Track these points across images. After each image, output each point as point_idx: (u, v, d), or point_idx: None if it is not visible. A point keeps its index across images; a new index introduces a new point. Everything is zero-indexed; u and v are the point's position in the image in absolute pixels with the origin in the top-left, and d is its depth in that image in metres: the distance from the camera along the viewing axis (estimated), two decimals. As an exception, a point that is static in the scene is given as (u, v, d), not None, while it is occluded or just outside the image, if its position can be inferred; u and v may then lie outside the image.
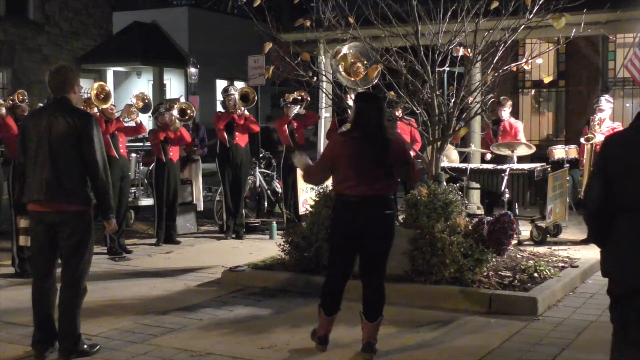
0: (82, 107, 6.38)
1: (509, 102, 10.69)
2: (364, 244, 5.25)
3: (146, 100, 10.16)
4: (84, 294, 5.39)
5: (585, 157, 9.50)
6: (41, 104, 8.66)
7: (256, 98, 10.66)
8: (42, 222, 5.28)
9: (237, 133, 10.43)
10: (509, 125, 10.46)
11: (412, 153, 9.29)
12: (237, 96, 10.35)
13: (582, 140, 9.54)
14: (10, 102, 8.59)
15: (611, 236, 3.40)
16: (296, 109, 10.72)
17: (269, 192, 12.15)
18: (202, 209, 11.70)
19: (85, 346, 5.38)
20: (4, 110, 8.23)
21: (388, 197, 5.26)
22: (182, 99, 17.48)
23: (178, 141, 10.22)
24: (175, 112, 10.30)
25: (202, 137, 11.81)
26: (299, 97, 10.69)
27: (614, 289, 3.43)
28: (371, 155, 5.15)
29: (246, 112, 10.55)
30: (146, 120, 10.30)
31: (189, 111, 10.75)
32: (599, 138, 9.28)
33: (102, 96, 8.78)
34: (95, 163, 5.23)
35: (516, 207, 9.65)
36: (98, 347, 5.51)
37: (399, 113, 8.87)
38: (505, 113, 10.48)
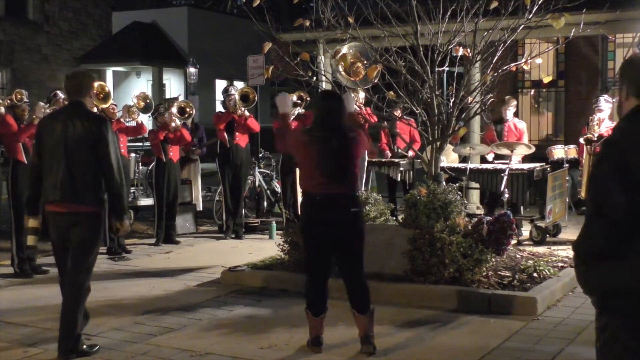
0: None
1: (514, 102, 10.45)
2: (335, 244, 5.30)
3: (148, 101, 10.16)
4: (87, 294, 5.44)
5: (584, 157, 9.50)
6: (41, 102, 8.66)
7: (256, 98, 10.66)
8: (57, 223, 5.44)
9: (237, 133, 10.43)
10: (514, 126, 10.28)
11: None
12: (237, 96, 10.35)
13: (581, 140, 9.54)
14: (9, 101, 8.58)
15: (634, 248, 3.05)
16: (297, 111, 10.71)
17: (268, 192, 12.15)
18: (201, 209, 11.70)
19: (85, 346, 5.43)
20: (3, 109, 8.23)
21: (353, 195, 5.34)
22: (181, 98, 17.47)
23: (178, 141, 10.22)
24: (174, 110, 10.29)
25: (201, 137, 11.81)
26: (299, 101, 10.67)
27: (634, 305, 3.09)
28: (334, 154, 5.20)
29: (246, 112, 10.55)
30: (146, 120, 10.28)
31: (188, 109, 10.73)
32: (598, 137, 9.29)
33: (102, 96, 8.77)
34: (111, 166, 5.35)
35: (521, 209, 9.61)
36: (97, 347, 5.53)
37: (398, 113, 8.87)
38: (510, 113, 10.24)
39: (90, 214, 5.37)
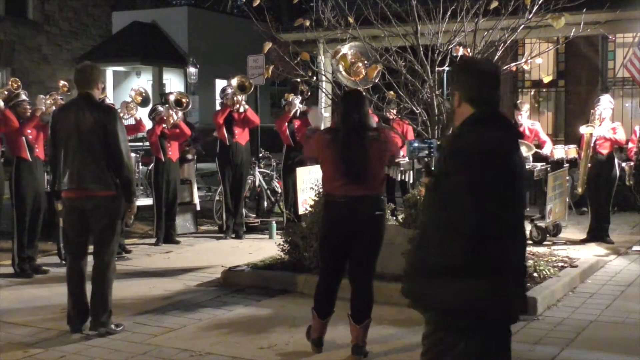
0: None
1: (526, 106, 10.42)
2: (354, 245, 5.22)
3: (144, 94, 10.16)
4: (114, 272, 5.98)
5: (583, 148, 9.47)
6: (42, 95, 8.69)
7: (253, 86, 10.64)
8: (75, 208, 5.83)
9: (237, 129, 10.39)
10: (528, 130, 10.18)
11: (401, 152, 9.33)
12: (234, 83, 10.26)
13: (581, 130, 9.50)
14: (6, 92, 8.54)
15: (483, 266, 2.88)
16: (297, 104, 10.69)
17: (268, 191, 12.14)
18: (198, 209, 11.66)
19: (113, 325, 5.90)
20: (1, 103, 8.16)
21: (377, 197, 5.23)
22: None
23: (177, 137, 10.20)
24: (171, 99, 10.30)
25: (195, 137, 11.79)
26: (299, 86, 10.65)
27: (478, 317, 2.90)
28: (356, 154, 5.11)
29: (245, 104, 10.52)
30: (146, 119, 10.28)
31: (184, 100, 10.65)
32: (597, 132, 9.27)
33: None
34: (120, 152, 5.78)
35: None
36: (122, 326, 5.95)
37: (394, 111, 8.86)
38: (523, 117, 10.21)
39: (108, 197, 5.79)
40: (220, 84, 27.14)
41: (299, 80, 10.47)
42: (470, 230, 2.80)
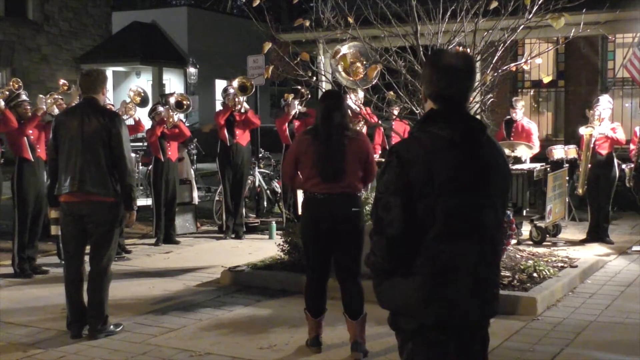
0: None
1: (521, 103, 10.54)
2: (334, 242, 5.28)
3: (142, 95, 10.17)
4: (110, 279, 5.94)
5: (583, 148, 9.47)
6: (41, 96, 8.68)
7: (254, 87, 10.65)
8: (73, 213, 5.78)
9: (238, 130, 10.39)
10: (521, 126, 10.27)
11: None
12: (235, 84, 10.28)
13: (580, 131, 9.50)
14: (7, 92, 8.54)
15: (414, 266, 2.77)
16: (297, 105, 10.70)
17: (268, 192, 12.15)
18: (196, 203, 11.61)
19: (112, 326, 5.89)
20: (2, 103, 8.15)
21: (354, 195, 5.32)
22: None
23: (176, 137, 10.20)
24: (172, 101, 10.31)
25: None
26: (300, 90, 10.68)
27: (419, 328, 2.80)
28: (334, 153, 5.21)
29: (246, 105, 10.53)
30: (145, 119, 10.28)
31: (185, 102, 10.68)
32: (598, 131, 9.28)
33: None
34: (124, 158, 5.77)
35: (523, 211, 9.57)
36: (122, 326, 5.95)
37: (396, 112, 8.86)
38: (518, 114, 10.29)
39: (107, 204, 5.75)
40: (220, 84, 27.18)
41: (299, 87, 10.49)
42: (394, 232, 2.71)
